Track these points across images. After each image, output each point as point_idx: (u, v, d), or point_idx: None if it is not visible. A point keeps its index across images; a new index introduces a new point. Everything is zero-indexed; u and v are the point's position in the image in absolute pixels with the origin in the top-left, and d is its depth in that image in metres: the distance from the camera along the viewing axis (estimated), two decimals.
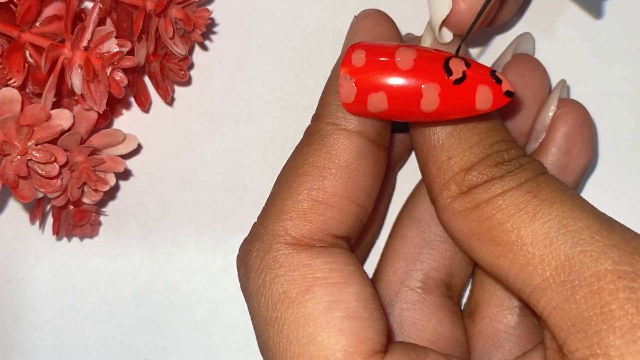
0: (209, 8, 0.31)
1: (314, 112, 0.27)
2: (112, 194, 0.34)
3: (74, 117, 0.29)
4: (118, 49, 0.28)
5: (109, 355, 0.35)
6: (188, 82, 0.34)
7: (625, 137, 0.33)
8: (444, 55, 0.25)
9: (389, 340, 0.25)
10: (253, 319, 0.26)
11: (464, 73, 0.24)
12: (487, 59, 0.32)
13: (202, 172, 0.34)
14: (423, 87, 0.24)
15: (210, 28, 0.34)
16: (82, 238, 0.34)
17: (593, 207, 0.24)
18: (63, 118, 0.28)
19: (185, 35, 0.31)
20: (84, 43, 0.28)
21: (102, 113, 0.29)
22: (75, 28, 0.28)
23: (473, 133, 0.26)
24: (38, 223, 0.34)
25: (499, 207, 0.24)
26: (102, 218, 0.34)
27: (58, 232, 0.32)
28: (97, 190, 0.31)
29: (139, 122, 0.34)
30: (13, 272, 0.35)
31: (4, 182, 0.28)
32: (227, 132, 0.34)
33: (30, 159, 0.28)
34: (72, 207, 0.32)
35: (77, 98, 0.29)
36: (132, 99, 0.34)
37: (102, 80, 0.28)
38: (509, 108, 0.30)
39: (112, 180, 0.31)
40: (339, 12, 0.33)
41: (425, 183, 0.27)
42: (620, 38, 0.33)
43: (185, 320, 0.34)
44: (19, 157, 0.28)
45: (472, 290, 0.32)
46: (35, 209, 0.32)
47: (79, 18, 0.30)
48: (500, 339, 0.30)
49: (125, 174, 0.34)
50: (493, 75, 0.24)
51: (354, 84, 0.25)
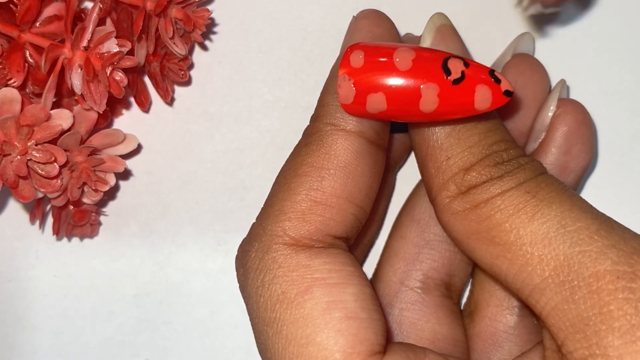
0: (209, 8, 0.31)
1: (313, 112, 0.27)
2: (112, 194, 0.34)
3: (74, 117, 0.29)
4: (118, 49, 0.28)
5: (109, 355, 0.35)
6: (188, 82, 0.34)
7: (625, 137, 0.33)
8: (443, 55, 0.24)
9: (388, 341, 0.25)
10: (252, 320, 0.26)
11: (463, 73, 0.24)
12: (487, 59, 0.32)
13: (202, 172, 0.34)
14: (422, 87, 0.24)
15: (210, 28, 0.34)
16: (82, 238, 0.34)
17: (592, 207, 0.24)
18: (63, 118, 0.28)
19: (185, 35, 0.31)
20: (84, 43, 0.28)
21: (102, 113, 0.29)
22: (75, 28, 0.28)
23: (472, 133, 0.25)
24: (38, 223, 0.34)
25: (498, 207, 0.24)
26: (102, 218, 0.34)
27: (58, 232, 0.32)
28: (97, 190, 0.31)
29: (139, 122, 0.34)
30: (13, 272, 0.35)
31: (4, 182, 0.28)
32: (227, 132, 0.34)
33: (30, 159, 0.28)
34: (72, 207, 0.32)
35: (77, 98, 0.29)
36: (132, 99, 0.34)
37: (102, 80, 0.28)
38: (509, 108, 0.30)
39: (112, 180, 0.31)
40: (339, 12, 0.33)
41: (425, 183, 0.27)
42: (620, 38, 0.33)
43: (185, 320, 0.34)
44: (19, 157, 0.28)
45: (471, 290, 0.32)
46: (35, 209, 0.32)
47: (79, 18, 0.30)
48: (500, 339, 0.30)
49: (125, 174, 0.34)
50: (492, 75, 0.24)
51: (353, 85, 0.25)
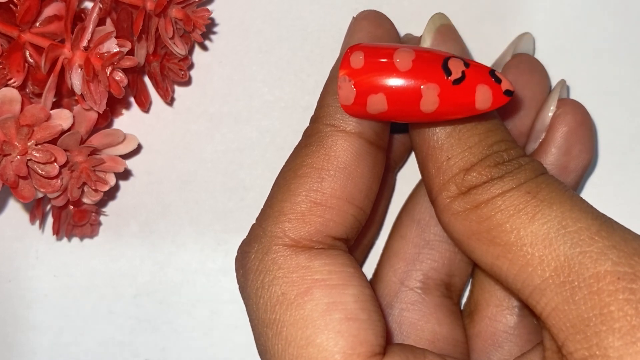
0: (209, 8, 0.31)
1: (313, 113, 0.27)
2: (112, 194, 0.34)
3: (74, 117, 0.29)
4: (118, 49, 0.28)
5: (109, 355, 0.35)
6: (188, 82, 0.34)
7: (625, 137, 0.33)
8: (443, 56, 0.24)
9: (388, 342, 0.25)
10: (251, 321, 0.26)
11: (463, 73, 0.24)
12: (487, 59, 0.32)
13: (202, 172, 0.34)
14: (422, 87, 0.24)
15: (210, 28, 0.34)
16: (82, 238, 0.34)
17: (593, 207, 0.24)
18: (63, 118, 0.28)
19: (185, 35, 0.31)
20: (84, 43, 0.28)
21: (102, 113, 0.29)
22: (75, 28, 0.28)
23: (472, 133, 0.25)
24: (38, 223, 0.34)
25: (499, 207, 0.24)
26: (102, 218, 0.34)
27: (58, 232, 0.32)
28: (97, 190, 0.31)
29: (139, 122, 0.34)
30: (13, 272, 0.35)
31: (4, 182, 0.28)
32: (227, 132, 0.34)
33: (30, 159, 0.28)
34: (72, 207, 0.32)
35: (77, 98, 0.29)
36: (132, 99, 0.34)
37: (102, 80, 0.28)
38: (509, 108, 0.30)
39: (112, 180, 0.31)
40: (339, 12, 0.33)
41: (425, 183, 0.27)
42: (620, 38, 0.33)
43: (185, 320, 0.34)
44: (19, 157, 0.28)
45: (471, 291, 0.32)
46: (35, 209, 0.32)
47: (79, 18, 0.30)
48: (500, 339, 0.30)
49: (125, 174, 0.34)
50: (492, 75, 0.24)
51: (353, 86, 0.25)
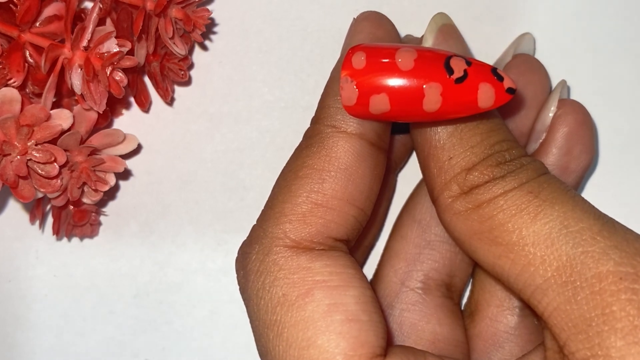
0: (209, 8, 0.31)
1: (314, 114, 0.27)
2: (112, 194, 0.34)
3: (74, 117, 0.29)
4: (118, 49, 0.28)
5: (109, 355, 0.34)
6: (188, 82, 0.34)
7: (625, 137, 0.33)
8: (445, 55, 0.24)
9: (389, 344, 0.25)
10: (252, 322, 0.26)
11: (465, 71, 0.24)
12: (487, 59, 0.32)
13: (202, 172, 0.34)
14: (425, 87, 0.24)
15: (210, 28, 0.34)
16: (82, 238, 0.34)
17: (594, 207, 0.24)
18: (63, 118, 0.28)
19: (185, 35, 0.31)
20: (84, 43, 0.28)
21: (102, 113, 0.29)
22: (75, 28, 0.28)
23: (474, 133, 0.25)
24: (38, 223, 0.34)
25: (501, 207, 0.24)
26: (102, 218, 0.34)
27: (58, 232, 0.32)
28: (97, 190, 0.31)
29: (139, 122, 0.34)
30: (13, 272, 0.35)
31: (4, 182, 0.28)
32: (227, 132, 0.34)
33: (30, 159, 0.28)
34: (72, 207, 0.32)
35: (77, 98, 0.29)
36: (132, 99, 0.34)
37: (102, 80, 0.28)
38: (510, 107, 0.30)
39: (112, 180, 0.31)
40: (339, 12, 0.33)
41: (426, 183, 0.27)
42: (620, 38, 0.33)
43: (185, 320, 0.34)
44: (19, 157, 0.28)
45: (472, 291, 0.32)
46: (35, 209, 0.32)
47: (79, 18, 0.30)
48: (501, 340, 0.30)
49: (125, 174, 0.34)
50: (494, 73, 0.24)
51: (355, 86, 0.25)
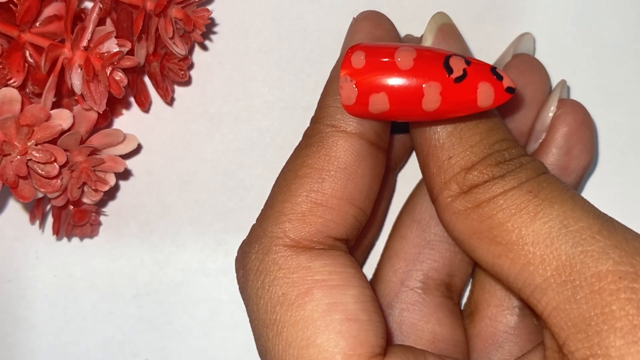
0: (209, 8, 0.31)
1: (313, 114, 0.27)
2: (112, 194, 0.34)
3: (74, 117, 0.29)
4: (118, 49, 0.28)
5: (109, 355, 0.34)
6: (188, 82, 0.34)
7: (625, 137, 0.33)
8: (444, 54, 0.24)
9: (388, 343, 0.25)
10: (252, 322, 0.26)
11: (465, 71, 0.24)
12: (487, 59, 0.32)
13: (202, 172, 0.34)
14: (424, 86, 0.24)
15: (210, 28, 0.34)
16: (82, 238, 0.34)
17: (594, 207, 0.24)
18: (63, 118, 0.28)
19: (185, 35, 0.31)
20: (84, 43, 0.28)
21: (102, 113, 0.29)
22: (75, 28, 0.28)
23: (474, 132, 0.25)
24: (38, 223, 0.34)
25: (500, 206, 0.24)
26: (102, 218, 0.34)
27: (58, 232, 0.32)
28: (97, 190, 0.31)
29: (139, 122, 0.34)
30: (13, 272, 0.35)
31: (4, 182, 0.28)
32: (227, 132, 0.34)
33: (30, 159, 0.28)
34: (72, 207, 0.32)
35: (77, 98, 0.29)
36: (132, 99, 0.34)
37: (102, 80, 0.28)
38: (509, 107, 0.30)
39: (112, 180, 0.31)
40: (339, 12, 0.33)
41: (426, 183, 0.27)
42: (620, 38, 0.33)
43: (185, 320, 0.34)
44: (19, 157, 0.28)
45: (472, 291, 0.32)
46: (35, 209, 0.32)
47: (79, 18, 0.30)
48: (500, 339, 0.30)
49: (125, 174, 0.34)
50: (494, 72, 0.24)
51: (355, 86, 0.25)
